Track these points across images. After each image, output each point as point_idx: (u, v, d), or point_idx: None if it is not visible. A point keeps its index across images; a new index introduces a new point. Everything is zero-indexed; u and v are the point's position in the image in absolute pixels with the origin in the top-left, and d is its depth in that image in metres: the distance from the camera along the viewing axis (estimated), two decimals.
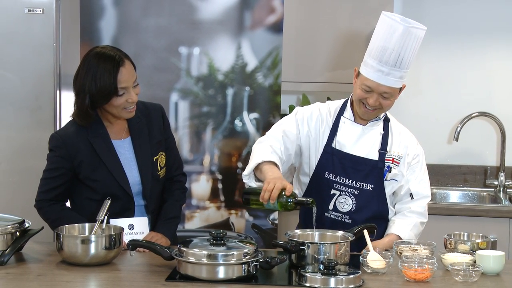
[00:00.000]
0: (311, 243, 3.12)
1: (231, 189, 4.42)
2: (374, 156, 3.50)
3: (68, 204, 3.49)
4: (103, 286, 2.93)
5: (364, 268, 3.06)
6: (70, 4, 4.48)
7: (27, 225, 3.25)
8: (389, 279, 3.00)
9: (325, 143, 3.52)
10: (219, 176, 4.42)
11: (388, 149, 3.51)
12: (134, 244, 3.13)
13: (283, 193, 3.15)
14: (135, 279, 2.97)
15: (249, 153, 4.39)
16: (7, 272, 3.02)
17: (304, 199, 3.20)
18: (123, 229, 3.23)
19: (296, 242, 3.13)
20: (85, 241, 3.08)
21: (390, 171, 3.50)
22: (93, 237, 3.10)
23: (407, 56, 3.38)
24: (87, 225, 3.26)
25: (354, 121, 3.53)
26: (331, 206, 3.51)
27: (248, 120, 4.39)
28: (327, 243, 3.12)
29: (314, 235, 3.26)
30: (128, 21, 4.35)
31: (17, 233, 3.20)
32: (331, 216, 3.51)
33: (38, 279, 2.95)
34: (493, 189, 4.98)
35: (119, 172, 3.40)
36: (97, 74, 3.26)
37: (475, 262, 3.07)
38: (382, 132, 3.52)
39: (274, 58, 4.35)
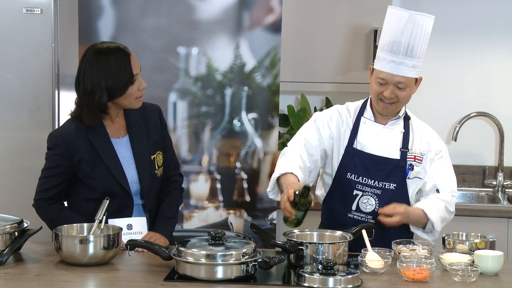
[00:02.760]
0: (309, 243, 3.12)
1: (229, 189, 4.42)
2: (396, 155, 3.49)
3: (66, 204, 3.49)
4: (102, 286, 2.93)
5: (362, 268, 3.06)
6: (68, 4, 4.48)
7: (25, 225, 3.25)
8: (387, 279, 3.00)
9: (346, 144, 3.53)
10: (218, 176, 4.42)
11: (409, 147, 3.50)
12: (133, 244, 3.13)
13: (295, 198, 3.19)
14: (133, 279, 2.97)
15: (247, 153, 4.42)
16: (5, 272, 3.02)
17: (303, 187, 3.21)
18: (121, 229, 3.23)
19: (294, 242, 3.13)
20: (84, 241, 3.08)
21: (413, 169, 3.49)
22: (91, 237, 3.10)
23: (417, 44, 3.42)
24: (85, 225, 3.26)
25: (375, 121, 3.54)
26: (354, 207, 3.52)
27: (246, 120, 4.39)
28: (325, 243, 3.13)
29: (313, 235, 3.27)
30: (127, 21, 4.35)
31: (16, 233, 3.20)
32: (355, 216, 3.52)
33: (36, 279, 2.95)
34: (491, 189, 4.98)
35: (118, 170, 3.40)
36: (111, 67, 3.30)
37: (473, 262, 3.07)
38: (403, 131, 3.53)
39: (273, 58, 4.35)
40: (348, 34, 4.70)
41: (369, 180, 3.49)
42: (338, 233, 3.25)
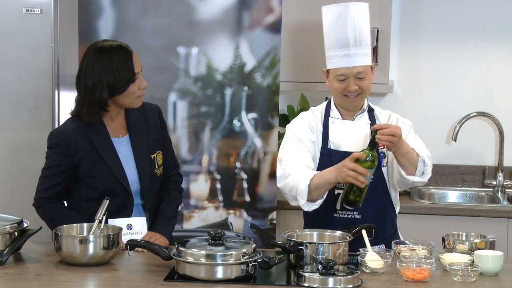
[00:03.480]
0: (309, 243, 3.13)
1: (229, 189, 4.42)
2: None
3: (66, 204, 3.49)
4: (102, 286, 2.93)
5: (362, 268, 3.06)
6: (68, 4, 4.48)
7: (25, 225, 3.25)
8: (387, 279, 3.00)
9: (321, 146, 3.56)
10: (218, 176, 4.42)
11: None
12: (133, 244, 3.13)
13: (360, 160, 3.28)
14: (133, 279, 2.97)
15: (247, 153, 4.42)
16: (5, 272, 3.02)
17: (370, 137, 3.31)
18: (121, 229, 3.23)
19: (294, 242, 3.13)
20: (84, 241, 3.08)
21: (385, 157, 3.53)
22: (91, 237, 3.10)
23: (362, 32, 3.49)
24: (85, 225, 3.26)
25: (342, 119, 3.58)
26: (338, 206, 3.53)
27: (246, 120, 4.39)
28: (325, 243, 3.13)
29: (313, 235, 3.27)
30: (126, 21, 4.35)
31: (16, 233, 3.20)
32: (341, 215, 3.53)
33: (36, 279, 2.95)
34: (491, 189, 4.98)
35: (118, 168, 3.40)
36: (112, 64, 3.31)
37: (473, 262, 3.07)
38: (369, 122, 3.56)
39: (273, 58, 4.35)
40: None
41: None
42: (338, 233, 3.25)
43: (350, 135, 3.55)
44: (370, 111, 3.60)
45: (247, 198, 4.41)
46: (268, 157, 4.41)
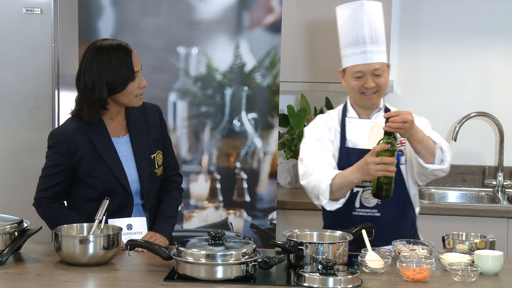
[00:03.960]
0: (309, 243, 3.13)
1: (229, 189, 4.42)
2: None
3: (66, 204, 3.49)
4: (102, 286, 2.93)
5: (362, 268, 3.06)
6: (68, 4, 4.48)
7: (25, 225, 3.25)
8: (387, 279, 3.00)
9: (339, 146, 3.57)
10: (218, 176, 4.42)
11: (396, 135, 3.51)
12: (133, 244, 3.13)
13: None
14: (133, 279, 2.97)
15: (247, 153, 4.41)
16: (5, 272, 3.02)
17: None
18: (121, 229, 3.23)
19: (294, 242, 3.13)
20: (84, 241, 3.08)
21: (403, 154, 3.53)
22: (91, 237, 3.10)
23: (377, 29, 3.49)
24: (85, 225, 3.26)
25: (359, 118, 3.59)
26: (357, 204, 3.54)
27: (246, 120, 4.39)
28: (325, 243, 3.13)
29: (313, 235, 3.27)
30: (126, 21, 4.35)
31: (16, 233, 3.20)
32: (360, 213, 3.54)
33: (36, 279, 2.95)
34: (491, 189, 4.98)
35: (118, 168, 3.41)
36: (112, 63, 3.32)
37: (473, 262, 3.07)
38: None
39: (273, 58, 4.35)
40: None
41: None
42: (338, 233, 3.25)
43: (368, 133, 3.56)
44: (387, 110, 3.58)
45: (247, 198, 4.41)
46: (268, 157, 4.41)
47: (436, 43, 5.05)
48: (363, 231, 3.23)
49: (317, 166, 3.50)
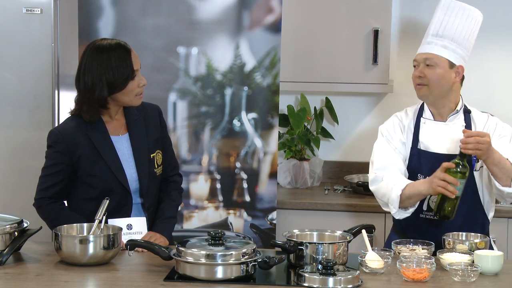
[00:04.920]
0: (309, 243, 3.12)
1: (229, 189, 4.42)
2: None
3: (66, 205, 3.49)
4: (102, 286, 2.93)
5: (362, 268, 3.06)
6: (68, 4, 4.48)
7: (25, 225, 3.25)
8: (387, 279, 3.00)
9: (411, 146, 3.55)
10: (218, 176, 4.42)
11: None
12: (133, 244, 3.13)
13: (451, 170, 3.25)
14: (133, 279, 2.97)
15: (247, 153, 4.41)
16: (5, 272, 3.02)
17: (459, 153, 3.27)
18: (121, 229, 3.23)
19: (294, 242, 3.13)
20: (84, 241, 3.08)
21: (478, 161, 3.47)
22: (91, 237, 3.10)
23: (449, 26, 3.45)
24: (85, 225, 3.26)
25: (434, 120, 3.56)
26: (425, 207, 3.53)
27: (246, 120, 4.39)
28: (325, 243, 3.13)
29: (313, 235, 3.27)
30: (126, 21, 4.35)
31: (16, 233, 3.19)
32: (427, 216, 3.53)
33: (36, 279, 2.95)
34: None
35: (117, 167, 3.41)
36: (111, 62, 3.33)
37: (473, 262, 3.07)
38: (464, 124, 3.53)
39: (272, 58, 4.35)
40: (348, 34, 4.70)
41: None
42: (338, 233, 3.25)
43: (441, 137, 3.52)
44: (467, 112, 3.56)
45: (247, 198, 4.41)
46: (268, 157, 4.41)
47: None
48: (363, 231, 3.23)
49: (387, 173, 3.50)
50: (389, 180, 3.47)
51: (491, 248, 3.43)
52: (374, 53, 4.64)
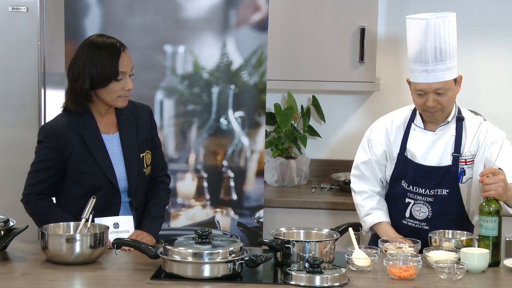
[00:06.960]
0: (296, 241, 3.13)
1: (216, 188, 4.41)
2: (447, 161, 3.48)
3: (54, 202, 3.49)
4: (88, 285, 2.93)
5: (349, 266, 3.06)
6: (54, 2, 4.46)
7: (11, 224, 3.24)
8: (374, 276, 3.00)
9: (398, 151, 3.55)
10: (205, 175, 4.42)
11: (461, 151, 3.48)
12: (119, 243, 3.12)
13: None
14: (120, 278, 2.97)
15: (234, 151, 4.41)
16: None
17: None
18: (108, 227, 3.23)
19: (281, 240, 3.13)
20: (70, 240, 3.08)
21: (465, 174, 3.48)
22: (78, 236, 3.09)
23: (444, 47, 3.41)
24: (72, 223, 3.26)
25: (424, 128, 3.54)
26: (407, 214, 3.55)
27: (233, 118, 4.38)
28: (312, 241, 3.13)
29: (300, 233, 3.27)
30: (113, 19, 4.34)
31: (1, 232, 3.19)
32: (409, 223, 3.55)
33: (22, 278, 2.94)
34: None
35: (107, 164, 3.41)
36: (99, 58, 3.35)
37: (459, 259, 3.08)
38: (454, 134, 3.51)
39: (259, 57, 4.35)
40: (335, 33, 4.70)
41: (420, 189, 3.50)
42: (325, 231, 3.26)
43: (428, 147, 3.51)
44: (460, 120, 3.53)
45: (234, 196, 4.41)
46: (255, 156, 4.41)
47: None
48: (350, 229, 3.24)
49: (362, 190, 3.62)
50: (363, 202, 3.61)
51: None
52: (360, 51, 4.64)
